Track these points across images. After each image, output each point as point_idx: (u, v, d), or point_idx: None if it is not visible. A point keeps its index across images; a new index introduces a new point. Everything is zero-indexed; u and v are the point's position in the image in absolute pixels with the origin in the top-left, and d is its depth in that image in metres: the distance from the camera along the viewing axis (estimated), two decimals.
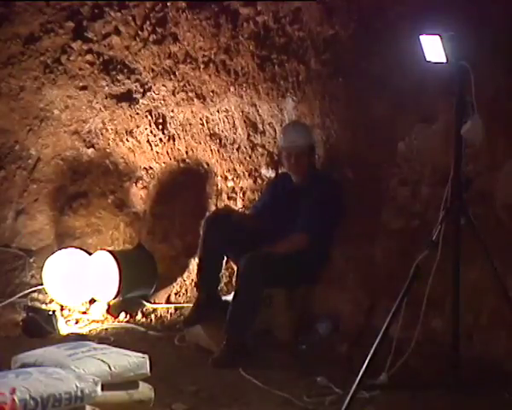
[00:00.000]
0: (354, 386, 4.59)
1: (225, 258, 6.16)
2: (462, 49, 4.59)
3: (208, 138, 6.95)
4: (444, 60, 4.63)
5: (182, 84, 6.98)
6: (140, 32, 7.05)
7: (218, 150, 6.90)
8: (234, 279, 6.10)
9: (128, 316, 6.53)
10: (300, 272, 5.77)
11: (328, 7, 6.19)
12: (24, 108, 7.23)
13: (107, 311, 6.58)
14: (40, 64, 7.20)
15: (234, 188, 6.82)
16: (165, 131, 7.11)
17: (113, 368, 4.33)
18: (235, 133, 6.81)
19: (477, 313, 5.16)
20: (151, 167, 7.19)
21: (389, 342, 4.80)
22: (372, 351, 4.62)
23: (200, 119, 6.96)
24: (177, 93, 7.01)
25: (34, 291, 6.81)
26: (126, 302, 6.61)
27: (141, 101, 7.14)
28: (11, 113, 7.25)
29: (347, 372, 4.91)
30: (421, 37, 4.71)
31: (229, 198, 6.82)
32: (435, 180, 5.41)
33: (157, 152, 7.16)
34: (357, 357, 4.95)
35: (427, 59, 4.72)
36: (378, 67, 5.82)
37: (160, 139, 7.13)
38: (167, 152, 7.13)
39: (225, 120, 6.85)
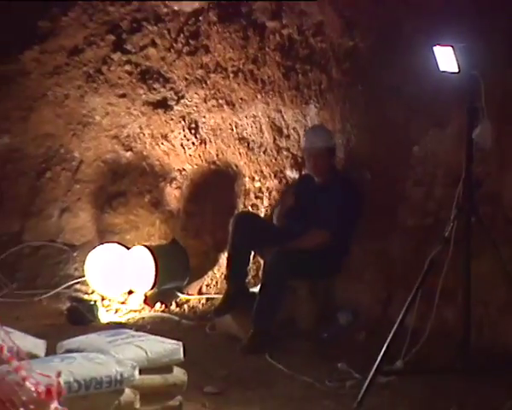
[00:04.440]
0: (372, 372, 4.59)
1: (252, 253, 6.16)
2: (473, 60, 4.58)
3: (237, 142, 6.96)
4: (456, 69, 4.61)
5: (213, 92, 6.99)
6: (174, 44, 7.07)
7: (246, 153, 6.91)
8: (260, 272, 6.12)
9: (163, 306, 6.53)
10: (322, 266, 5.77)
11: (349, 20, 6.18)
12: (68, 115, 7.27)
13: (144, 301, 6.60)
14: (83, 74, 7.23)
15: (260, 188, 6.82)
16: (198, 136, 7.12)
17: (149, 354, 4.32)
18: (261, 137, 6.81)
19: (487, 304, 5.14)
20: (184, 169, 7.21)
21: (405, 331, 4.80)
22: (389, 339, 4.62)
23: (230, 124, 6.97)
24: (209, 100, 7.02)
25: (77, 283, 6.84)
26: (162, 293, 6.62)
27: (175, 107, 7.15)
28: (57, 119, 7.29)
29: (366, 359, 4.90)
30: (434, 48, 4.70)
31: (256, 198, 6.82)
32: (448, 181, 5.39)
33: (190, 155, 7.17)
34: (374, 345, 4.93)
35: (441, 68, 4.71)
36: (395, 76, 5.81)
37: (193, 143, 7.14)
38: (199, 155, 7.14)
39: (253, 125, 6.85)
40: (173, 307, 6.55)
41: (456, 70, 4.62)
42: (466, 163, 4.72)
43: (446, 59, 4.64)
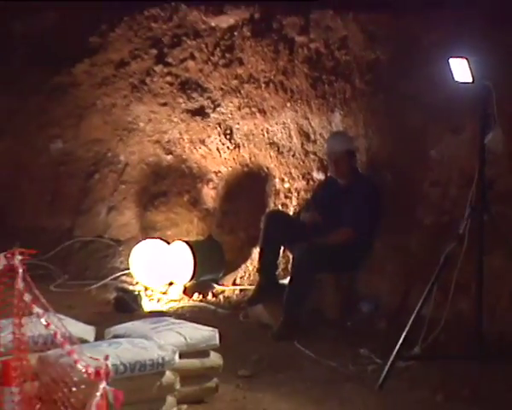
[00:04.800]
0: (392, 357, 4.59)
1: (282, 248, 6.17)
2: (486, 71, 4.56)
3: (268, 146, 6.95)
4: (470, 80, 4.59)
5: (246, 100, 7.00)
6: (211, 57, 7.09)
7: (277, 157, 6.90)
8: (289, 266, 6.11)
9: (201, 296, 6.53)
10: (346, 261, 5.75)
11: (371, 35, 6.19)
12: (115, 122, 7.32)
13: (184, 292, 6.59)
14: (129, 85, 7.28)
15: (289, 189, 6.80)
16: (232, 141, 7.12)
17: (188, 339, 4.35)
18: (290, 142, 6.81)
19: (498, 296, 5.11)
20: (220, 171, 7.21)
21: (422, 320, 4.79)
22: (407, 327, 4.62)
23: (262, 130, 6.96)
24: (242, 108, 7.02)
25: (123, 275, 6.84)
26: (199, 284, 6.62)
27: (212, 115, 7.16)
28: (105, 125, 7.34)
29: (386, 345, 4.89)
30: (450, 60, 4.68)
31: (285, 197, 6.81)
32: (462, 182, 5.36)
33: (225, 158, 7.17)
34: (394, 332, 4.93)
35: (456, 79, 4.69)
36: (413, 85, 5.79)
37: (228, 147, 7.14)
38: (233, 158, 7.14)
39: (283, 130, 6.84)
40: (210, 297, 6.55)
41: (470, 80, 4.60)
42: (479, 166, 4.70)
43: (461, 70, 4.62)
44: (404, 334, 4.62)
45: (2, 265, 3.41)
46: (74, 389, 3.29)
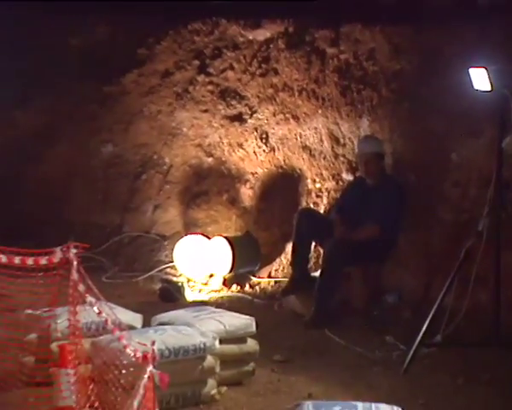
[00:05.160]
0: (416, 344, 4.57)
1: (313, 243, 6.16)
2: (504, 80, 4.52)
3: (301, 150, 6.94)
4: (489, 88, 4.56)
5: (281, 107, 6.99)
6: (249, 68, 7.09)
7: (309, 159, 6.89)
8: (320, 260, 6.10)
9: (239, 287, 6.55)
10: (373, 255, 5.73)
11: (396, 47, 6.16)
12: (160, 127, 7.35)
13: (223, 283, 6.61)
14: (173, 93, 7.31)
15: (320, 189, 6.79)
16: (268, 144, 7.12)
17: (227, 327, 4.36)
18: (321, 146, 6.79)
19: None
20: (256, 172, 7.21)
21: (443, 310, 4.76)
22: (430, 317, 4.60)
23: (295, 134, 6.96)
24: (277, 115, 7.02)
25: (167, 267, 6.87)
26: (237, 276, 6.63)
27: (249, 121, 7.17)
28: (151, 130, 7.38)
29: (410, 333, 4.87)
30: (470, 69, 4.65)
31: (317, 196, 6.80)
32: (481, 183, 5.32)
33: (261, 160, 7.17)
34: (417, 321, 4.90)
35: (475, 87, 4.65)
36: (435, 93, 5.75)
37: (264, 150, 7.14)
38: (269, 160, 7.14)
39: (314, 135, 6.83)
40: (247, 288, 6.55)
41: (489, 89, 4.56)
42: (496, 168, 4.67)
43: (480, 79, 4.59)
44: (426, 323, 4.60)
45: (58, 258, 3.46)
46: (124, 371, 3.32)
